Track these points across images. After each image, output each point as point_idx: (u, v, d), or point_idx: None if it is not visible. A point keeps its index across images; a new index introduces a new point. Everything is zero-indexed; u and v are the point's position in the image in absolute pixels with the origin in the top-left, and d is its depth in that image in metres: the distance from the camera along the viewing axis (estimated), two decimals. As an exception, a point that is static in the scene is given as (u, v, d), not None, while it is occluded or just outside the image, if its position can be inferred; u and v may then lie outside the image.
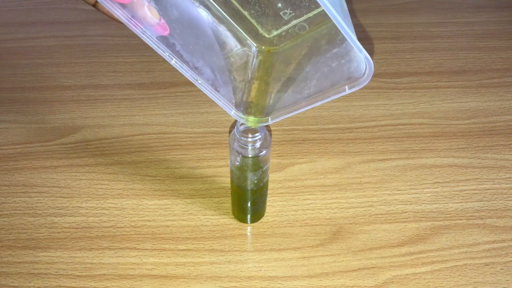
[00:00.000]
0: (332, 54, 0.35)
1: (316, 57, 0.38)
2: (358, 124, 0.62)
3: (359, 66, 0.31)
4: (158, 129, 0.61)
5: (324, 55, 0.36)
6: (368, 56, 0.29)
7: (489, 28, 0.78)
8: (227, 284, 0.46)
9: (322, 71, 0.36)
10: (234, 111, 0.38)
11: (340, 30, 0.27)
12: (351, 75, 0.32)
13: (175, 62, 0.34)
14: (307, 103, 0.35)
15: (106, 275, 0.47)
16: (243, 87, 0.40)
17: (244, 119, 0.39)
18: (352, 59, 0.30)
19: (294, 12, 0.37)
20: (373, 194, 0.54)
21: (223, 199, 0.53)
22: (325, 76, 0.36)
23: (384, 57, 0.72)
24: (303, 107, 0.35)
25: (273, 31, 0.39)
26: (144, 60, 0.71)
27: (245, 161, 0.43)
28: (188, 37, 0.36)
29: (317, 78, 0.36)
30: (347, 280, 0.46)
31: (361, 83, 0.31)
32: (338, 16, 0.27)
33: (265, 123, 0.38)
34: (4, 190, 0.54)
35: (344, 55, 0.30)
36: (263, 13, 0.37)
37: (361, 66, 0.31)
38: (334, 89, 0.33)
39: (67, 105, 0.64)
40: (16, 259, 0.48)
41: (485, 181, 0.55)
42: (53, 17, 0.80)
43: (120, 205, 0.52)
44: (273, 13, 0.37)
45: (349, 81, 0.32)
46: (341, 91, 0.33)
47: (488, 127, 0.61)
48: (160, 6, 0.33)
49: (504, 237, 0.50)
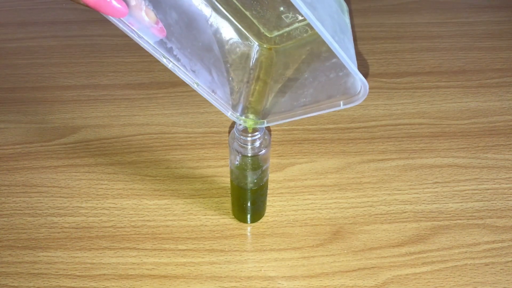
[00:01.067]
0: (331, 64, 0.35)
1: (315, 63, 0.38)
2: (358, 124, 0.62)
3: (355, 82, 0.32)
4: (158, 129, 0.61)
5: (323, 63, 0.37)
6: (363, 78, 0.30)
7: (489, 28, 0.78)
8: (227, 284, 0.46)
9: (320, 80, 0.37)
10: (231, 112, 0.39)
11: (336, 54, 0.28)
12: (347, 91, 0.33)
13: (172, 66, 0.34)
14: (302, 112, 0.36)
15: (106, 275, 0.47)
16: (241, 88, 0.41)
17: (241, 120, 0.39)
18: (349, 74, 0.31)
19: (296, 16, 0.37)
20: (373, 194, 0.54)
21: (223, 199, 0.53)
22: (322, 86, 0.36)
23: (384, 57, 0.72)
24: (298, 115, 0.36)
25: (274, 31, 0.39)
26: (144, 60, 0.71)
27: (245, 160, 0.43)
28: (186, 40, 0.36)
29: (314, 87, 0.37)
30: (347, 280, 0.46)
31: (356, 101, 0.32)
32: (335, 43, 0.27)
33: (261, 125, 0.39)
34: (4, 190, 0.54)
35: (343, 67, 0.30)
36: (264, 14, 0.38)
37: (356, 84, 0.32)
38: (329, 102, 0.34)
39: (67, 105, 0.64)
40: (16, 259, 0.48)
41: (485, 181, 0.55)
42: (53, 17, 0.80)
43: (120, 205, 0.52)
44: (275, 16, 0.38)
45: (344, 97, 0.33)
46: (336, 105, 0.33)
47: (488, 127, 0.61)
48: (158, 9, 0.33)
49: (504, 237, 0.50)
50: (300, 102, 0.37)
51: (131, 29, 0.32)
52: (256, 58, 0.41)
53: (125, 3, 0.30)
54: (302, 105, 0.36)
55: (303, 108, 0.36)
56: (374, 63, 0.71)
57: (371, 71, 0.70)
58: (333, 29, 0.29)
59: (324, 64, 0.37)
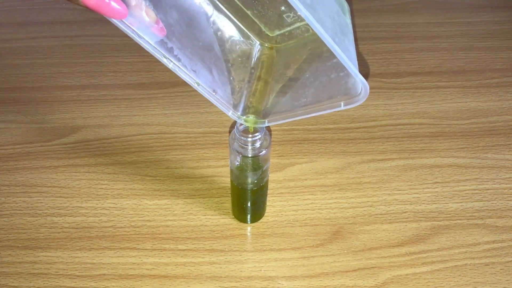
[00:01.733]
0: (332, 64, 0.35)
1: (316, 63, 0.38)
2: (358, 124, 0.62)
3: (356, 83, 0.32)
4: (158, 129, 0.61)
5: (324, 63, 0.37)
6: (363, 80, 0.30)
7: (489, 28, 0.78)
8: (227, 284, 0.46)
9: (321, 80, 0.37)
10: (232, 112, 0.39)
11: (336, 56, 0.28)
12: (348, 91, 0.33)
13: (173, 66, 0.34)
14: (303, 112, 0.36)
15: (106, 275, 0.47)
16: (242, 87, 0.41)
17: (241, 119, 0.39)
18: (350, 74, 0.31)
19: (297, 16, 0.37)
20: (373, 194, 0.54)
21: (223, 199, 0.53)
22: (323, 86, 0.36)
23: (384, 57, 0.72)
24: (298, 115, 0.36)
25: (276, 30, 0.39)
26: (144, 60, 0.71)
27: (245, 161, 0.43)
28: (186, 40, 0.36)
29: (315, 87, 0.37)
30: (347, 280, 0.46)
31: (356, 102, 0.32)
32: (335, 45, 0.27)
33: (262, 124, 0.39)
34: (4, 190, 0.54)
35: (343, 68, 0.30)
36: (265, 13, 0.38)
37: (357, 84, 0.32)
38: (330, 103, 0.34)
39: (67, 105, 0.64)
40: (16, 259, 0.48)
41: (485, 181, 0.55)
42: (53, 17, 0.80)
43: (120, 205, 0.52)
44: (276, 15, 0.38)
45: (345, 97, 0.33)
46: (337, 106, 0.33)
47: (488, 127, 0.61)
48: (158, 9, 0.33)
49: (504, 237, 0.50)
50: (301, 102, 0.37)
51: (132, 30, 0.32)
52: (258, 57, 0.41)
53: (125, 3, 0.30)
54: (303, 105, 0.36)
55: (304, 108, 0.36)
56: (374, 63, 0.71)
57: (371, 71, 0.70)
58: (333, 31, 0.29)
59: (325, 64, 0.37)
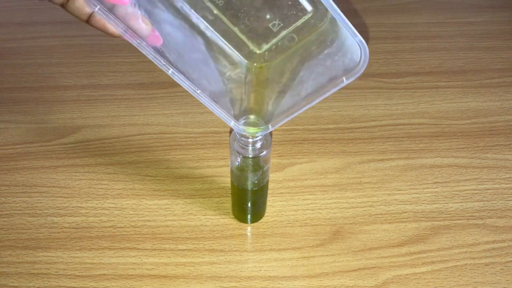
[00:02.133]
0: (325, 55, 0.35)
1: (309, 61, 0.38)
2: (358, 124, 0.62)
3: (353, 57, 0.31)
4: (158, 129, 0.61)
5: (316, 57, 0.37)
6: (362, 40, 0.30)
7: (489, 28, 0.78)
8: (227, 284, 0.46)
9: (317, 71, 0.36)
10: (234, 122, 0.38)
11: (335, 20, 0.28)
12: (347, 67, 0.32)
13: (172, 73, 0.34)
14: (306, 102, 0.35)
15: (106, 275, 0.47)
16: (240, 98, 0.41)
17: (245, 131, 0.39)
18: (345, 53, 0.30)
19: (283, 23, 0.37)
20: (373, 194, 0.54)
21: (223, 199, 0.53)
22: (320, 74, 0.36)
23: (384, 57, 0.72)
24: (303, 107, 0.35)
25: (263, 45, 0.39)
26: (144, 60, 0.71)
27: (246, 161, 0.43)
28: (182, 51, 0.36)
29: (313, 79, 0.37)
30: (347, 280, 0.46)
31: (358, 72, 0.31)
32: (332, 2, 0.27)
33: (266, 131, 0.38)
34: (4, 190, 0.54)
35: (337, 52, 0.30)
36: (252, 27, 0.38)
37: (355, 57, 0.31)
38: (331, 83, 0.33)
39: (67, 105, 0.64)
40: (16, 259, 0.48)
41: (485, 181, 0.55)
42: (53, 17, 0.80)
43: (120, 205, 0.52)
44: (263, 26, 0.38)
45: (345, 73, 0.32)
46: (339, 83, 0.33)
47: (488, 127, 0.61)
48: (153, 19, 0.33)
49: (504, 237, 0.50)
50: (302, 95, 0.36)
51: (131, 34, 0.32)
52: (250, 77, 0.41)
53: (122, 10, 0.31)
54: (305, 96, 0.36)
55: (307, 99, 0.35)
56: (374, 63, 0.71)
57: (371, 71, 0.70)
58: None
59: (317, 58, 0.36)
